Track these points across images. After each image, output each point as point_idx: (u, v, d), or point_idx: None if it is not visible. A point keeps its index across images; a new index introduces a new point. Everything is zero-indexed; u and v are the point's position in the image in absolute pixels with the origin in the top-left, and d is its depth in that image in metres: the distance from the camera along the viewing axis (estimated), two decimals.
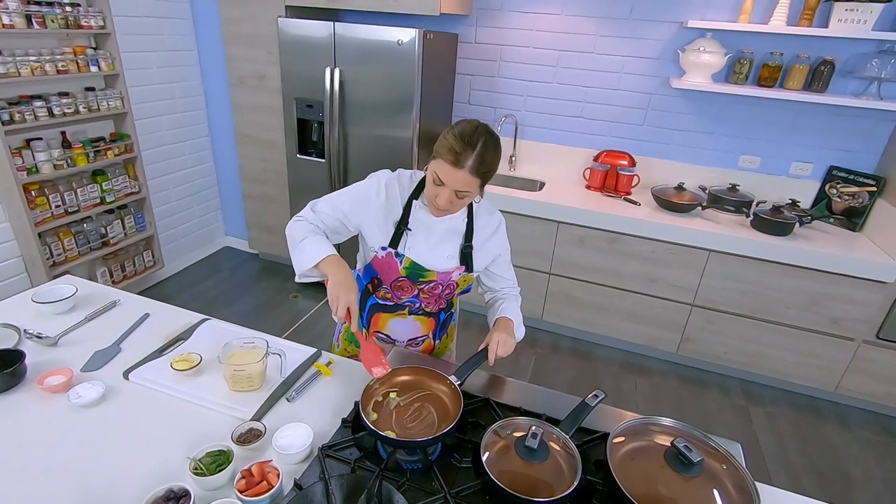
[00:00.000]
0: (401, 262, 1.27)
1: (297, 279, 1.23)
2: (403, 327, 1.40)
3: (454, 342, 1.61)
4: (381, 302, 1.37)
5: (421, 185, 1.26)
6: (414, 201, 1.26)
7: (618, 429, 1.03)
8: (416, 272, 1.28)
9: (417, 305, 1.36)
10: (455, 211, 1.21)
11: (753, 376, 2.73)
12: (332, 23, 2.57)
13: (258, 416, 1.11)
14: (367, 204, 1.26)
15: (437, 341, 1.47)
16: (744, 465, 0.99)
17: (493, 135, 1.13)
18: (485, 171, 1.11)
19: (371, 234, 1.28)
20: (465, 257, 1.29)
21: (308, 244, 1.19)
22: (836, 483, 2.16)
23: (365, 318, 1.41)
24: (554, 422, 1.10)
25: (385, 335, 1.42)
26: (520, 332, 1.36)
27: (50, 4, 2.31)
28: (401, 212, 1.26)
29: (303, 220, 1.26)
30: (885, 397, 2.49)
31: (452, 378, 1.14)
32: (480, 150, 1.08)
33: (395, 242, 1.26)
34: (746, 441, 2.34)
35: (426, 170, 1.18)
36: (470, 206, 1.28)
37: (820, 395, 2.66)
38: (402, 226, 1.25)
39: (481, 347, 1.26)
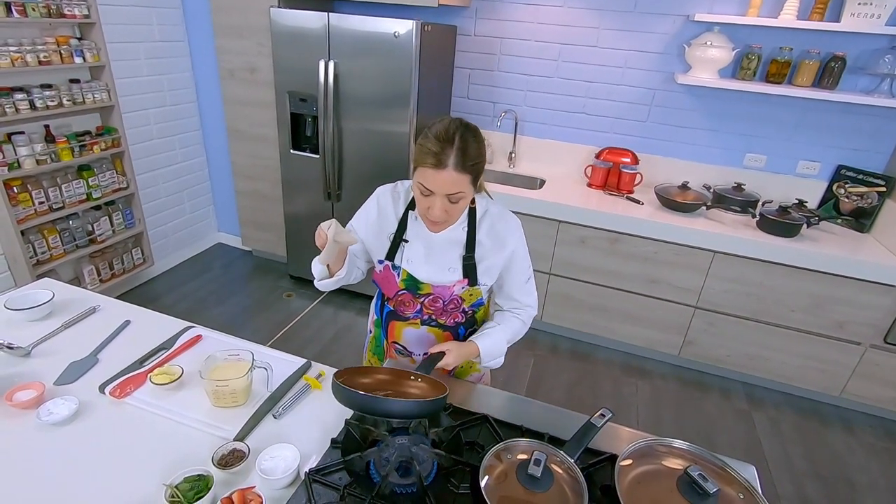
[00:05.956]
0: (398, 274, 1.22)
1: (317, 285, 1.26)
2: (417, 338, 1.32)
3: None
4: (394, 310, 1.31)
5: None
6: (410, 212, 1.20)
7: (626, 451, 0.97)
8: (413, 285, 1.22)
9: (427, 317, 1.29)
10: (454, 220, 1.14)
11: (756, 380, 2.68)
12: (326, 13, 2.48)
13: (242, 435, 1.04)
14: (365, 221, 1.26)
15: None
16: (759, 490, 0.92)
17: (470, 126, 1.07)
18: (472, 164, 1.03)
19: (372, 249, 1.27)
20: (468, 269, 1.20)
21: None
22: (841, 490, 2.11)
23: (384, 327, 1.36)
24: (557, 442, 1.03)
25: (402, 346, 1.35)
26: (493, 362, 1.27)
27: None
28: (395, 224, 1.21)
29: None
30: (892, 402, 2.44)
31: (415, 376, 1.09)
32: (459, 143, 1.02)
33: (391, 255, 1.22)
34: (750, 446, 2.29)
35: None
36: (473, 214, 1.19)
37: (824, 399, 2.61)
38: (398, 237, 1.20)
39: (434, 351, 1.17)
